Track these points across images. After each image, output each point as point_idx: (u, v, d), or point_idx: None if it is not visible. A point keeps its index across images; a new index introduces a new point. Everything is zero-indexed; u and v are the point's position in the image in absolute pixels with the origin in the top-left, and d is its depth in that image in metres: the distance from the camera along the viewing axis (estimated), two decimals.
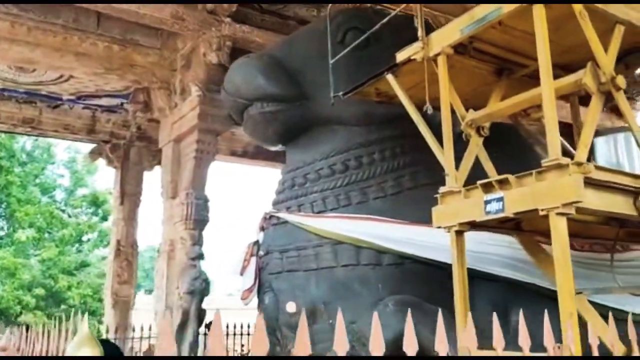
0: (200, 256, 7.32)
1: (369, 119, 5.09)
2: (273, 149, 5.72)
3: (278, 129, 5.18)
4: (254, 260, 5.09)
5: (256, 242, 5.20)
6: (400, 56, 4.06)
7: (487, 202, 3.20)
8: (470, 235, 4.62)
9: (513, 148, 5.56)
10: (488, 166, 3.90)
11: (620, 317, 2.61)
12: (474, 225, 3.46)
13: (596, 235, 4.19)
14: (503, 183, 3.19)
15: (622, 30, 3.42)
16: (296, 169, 5.23)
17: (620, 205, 3.12)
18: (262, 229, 5.26)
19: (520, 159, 5.48)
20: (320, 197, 4.96)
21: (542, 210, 2.93)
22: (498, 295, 4.52)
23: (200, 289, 7.13)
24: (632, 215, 3.17)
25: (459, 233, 3.46)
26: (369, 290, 4.50)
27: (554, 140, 2.98)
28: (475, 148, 3.74)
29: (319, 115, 5.10)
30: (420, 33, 3.86)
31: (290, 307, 4.73)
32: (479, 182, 3.33)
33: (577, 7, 3.15)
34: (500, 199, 3.13)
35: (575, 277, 4.32)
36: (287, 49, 5.27)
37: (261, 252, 5.12)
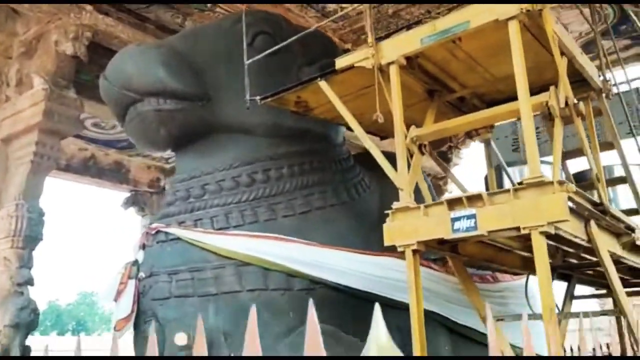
0: (29, 281, 6.05)
1: (277, 130, 4.67)
2: (156, 153, 4.94)
3: (173, 130, 4.47)
4: (132, 283, 4.24)
5: (135, 262, 4.35)
6: (343, 62, 3.75)
7: (455, 220, 2.99)
8: (374, 260, 4.43)
9: None
10: (423, 186, 3.73)
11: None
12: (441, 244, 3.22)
13: (498, 262, 4.24)
14: (473, 200, 3.02)
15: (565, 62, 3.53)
16: (191, 179, 4.54)
17: (575, 228, 3.13)
18: (144, 246, 4.44)
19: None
20: (222, 212, 4.35)
21: (524, 228, 2.80)
22: (403, 323, 4.34)
23: (28, 321, 5.86)
24: (581, 239, 3.21)
25: (416, 252, 3.19)
26: (279, 318, 3.99)
27: (533, 157, 2.90)
28: (419, 167, 3.55)
29: (220, 119, 4.53)
30: (370, 39, 3.61)
31: (180, 339, 3.99)
32: (444, 198, 3.12)
33: (550, 31, 3.16)
34: (472, 216, 2.94)
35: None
36: (190, 43, 4.63)
37: (142, 274, 4.29)
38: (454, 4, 8.35)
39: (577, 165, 5.03)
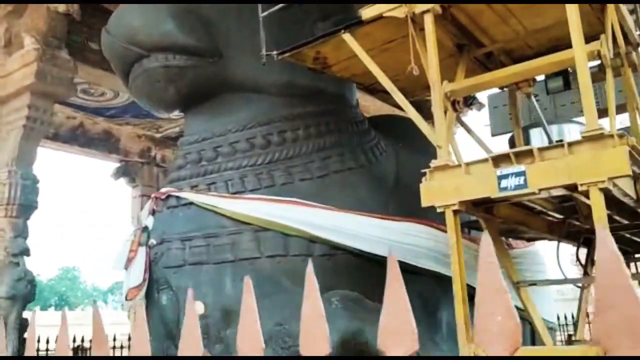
0: (25, 252, 5.78)
1: (291, 89, 4.41)
2: (163, 114, 4.65)
3: (182, 88, 4.18)
4: (142, 250, 4.00)
5: (145, 229, 4.11)
6: (371, 12, 3.49)
7: (502, 177, 2.79)
8: (395, 226, 4.25)
9: (416, 140, 5.35)
10: (454, 145, 3.52)
11: None
12: (476, 205, 3.02)
13: (527, 225, 4.07)
14: (521, 156, 2.82)
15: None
16: (202, 140, 4.28)
17: (627, 186, 2.95)
18: (153, 212, 4.19)
19: (424, 149, 5.32)
20: (237, 175, 4.10)
21: (582, 185, 2.61)
22: (426, 289, 4.20)
23: (24, 292, 5.61)
24: (630, 197, 3.04)
25: (456, 213, 2.99)
26: (301, 286, 3.77)
27: (590, 108, 2.69)
28: (452, 123, 3.33)
29: (232, 77, 4.25)
30: None
31: (197, 308, 3.77)
32: (489, 154, 2.91)
33: None
34: (521, 173, 2.74)
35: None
36: None
37: (152, 241, 4.05)
38: None
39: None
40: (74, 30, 6.47)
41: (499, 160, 2.88)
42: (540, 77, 8.63)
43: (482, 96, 11.47)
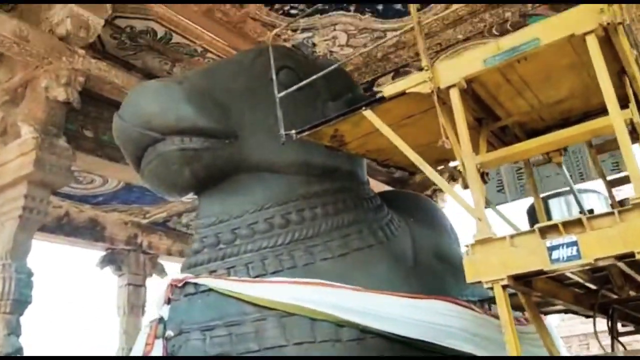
0: (19, 351, 5.41)
1: (307, 168, 4.36)
2: (175, 198, 4.53)
3: (199, 171, 4.09)
4: (159, 343, 3.75)
5: (160, 320, 3.88)
6: (394, 88, 3.51)
7: (552, 249, 2.72)
8: (422, 304, 4.12)
9: (426, 215, 5.32)
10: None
11: None
12: (521, 278, 2.92)
13: (558, 297, 3.97)
14: (569, 226, 2.76)
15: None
16: (219, 223, 4.14)
17: None
18: (169, 301, 3.98)
19: (435, 225, 5.27)
20: (257, 258, 3.95)
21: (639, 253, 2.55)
22: None
23: None
24: None
25: (505, 289, 2.88)
26: None
27: (635, 174, 2.67)
28: (484, 197, 3.29)
29: (248, 158, 4.20)
30: (424, 62, 3.39)
31: None
32: (536, 225, 2.85)
33: (627, 45, 3.01)
34: (573, 244, 2.68)
35: None
36: (210, 79, 4.31)
37: (170, 332, 3.81)
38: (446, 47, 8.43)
39: None
40: (69, 118, 6.42)
41: (546, 231, 2.81)
42: None
43: None
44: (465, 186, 3.42)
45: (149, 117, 3.95)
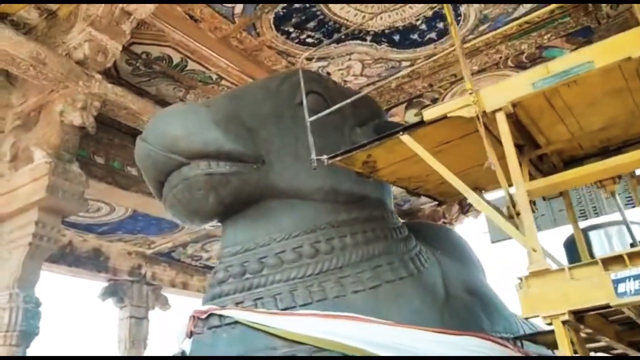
0: None
1: (335, 196, 4.20)
2: (198, 225, 4.35)
3: (225, 197, 3.92)
4: None
5: (182, 355, 3.65)
6: (435, 112, 3.38)
7: (618, 282, 2.54)
8: (458, 341, 3.92)
9: (454, 247, 5.15)
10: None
11: None
12: (578, 313, 2.74)
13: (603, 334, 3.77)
14: (634, 257, 2.59)
15: None
16: (245, 251, 3.95)
17: None
18: (191, 334, 3.76)
19: (463, 258, 5.09)
20: (286, 289, 3.75)
21: None
22: None
23: None
24: None
25: (565, 323, 2.69)
26: None
27: None
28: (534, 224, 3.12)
29: (275, 184, 4.04)
30: (468, 85, 3.27)
31: None
32: (598, 257, 2.68)
33: None
34: (639, 277, 2.50)
35: None
36: (236, 103, 4.18)
37: None
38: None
39: None
40: (80, 144, 6.27)
41: (609, 262, 2.64)
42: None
43: None
44: (511, 215, 3.25)
45: (175, 140, 3.80)
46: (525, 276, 2.82)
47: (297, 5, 6.33)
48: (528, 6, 6.79)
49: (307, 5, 6.34)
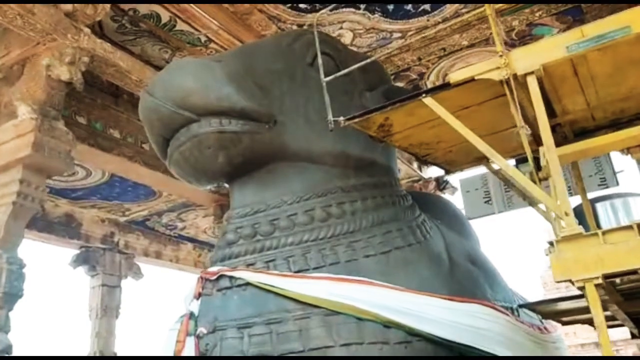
0: (7, 349, 4.94)
1: (344, 160, 4.12)
2: (204, 186, 4.19)
3: (235, 157, 3.77)
4: (190, 341, 3.42)
5: (192, 316, 3.54)
6: (462, 74, 3.31)
7: None
8: (466, 308, 3.93)
9: (452, 218, 5.15)
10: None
11: None
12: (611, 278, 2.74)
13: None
14: None
15: None
16: (255, 213, 3.83)
17: None
18: (199, 296, 3.64)
19: (462, 228, 5.10)
20: (299, 252, 3.66)
21: None
22: None
23: None
24: None
25: (598, 287, 2.69)
26: None
27: None
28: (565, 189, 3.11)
29: (286, 145, 3.92)
30: (499, 47, 3.20)
31: None
32: (633, 222, 2.68)
33: None
34: None
35: None
36: (247, 60, 4.01)
37: (202, 330, 3.47)
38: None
39: None
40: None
41: None
42: (513, 162, 8.72)
43: (454, 180, 11.63)
44: (533, 181, 3.23)
45: (185, 94, 3.62)
46: (556, 240, 2.80)
47: None
48: None
49: None
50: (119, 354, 10.02)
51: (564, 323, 5.38)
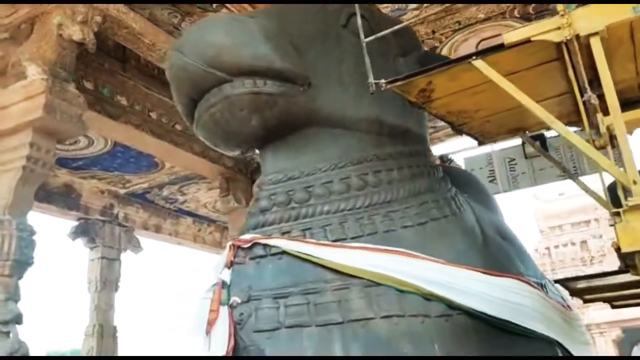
0: (17, 318, 4.77)
1: (379, 127, 3.94)
2: (233, 151, 4.00)
3: (269, 120, 3.57)
4: (224, 311, 3.26)
5: (224, 284, 3.37)
6: (516, 35, 3.12)
7: None
8: (503, 283, 3.81)
9: (479, 192, 5.01)
10: None
11: None
12: None
13: None
14: None
15: None
16: (289, 180, 3.65)
17: None
18: (231, 264, 3.47)
19: (489, 202, 4.97)
20: (336, 220, 3.49)
21: None
22: (539, 353, 3.72)
23: None
24: None
25: None
26: (422, 352, 3.18)
27: None
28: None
29: (320, 109, 3.72)
30: (561, 6, 3.02)
31: None
32: None
33: None
34: None
35: None
36: (280, 16, 3.79)
37: (236, 299, 3.31)
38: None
39: None
40: None
41: None
42: (518, 142, 8.57)
43: (458, 158, 11.51)
44: (599, 148, 3.08)
45: (218, 53, 3.40)
46: (624, 210, 2.66)
47: None
48: None
49: None
50: (118, 327, 9.89)
51: (585, 301, 5.30)
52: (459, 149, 9.80)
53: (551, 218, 27.63)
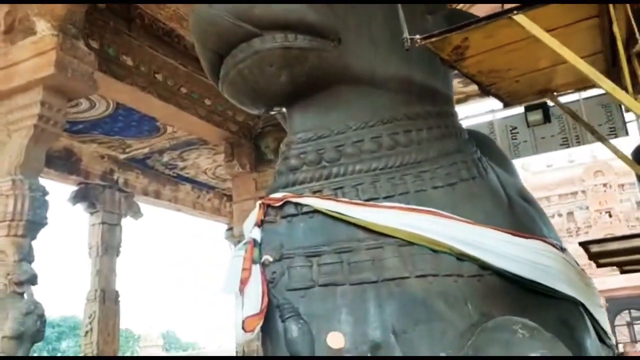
0: (32, 279, 4.71)
1: (408, 85, 3.84)
2: (259, 110, 3.89)
3: (299, 76, 3.45)
4: (256, 269, 3.20)
5: (255, 243, 3.32)
6: None
7: None
8: (530, 244, 3.80)
9: (499, 156, 4.96)
10: None
11: None
12: None
13: None
14: None
15: None
16: (318, 138, 3.55)
17: None
18: (261, 223, 3.41)
19: (507, 165, 4.93)
20: (368, 180, 3.42)
21: None
22: (570, 316, 3.73)
23: (33, 330, 4.52)
24: None
25: None
26: (457, 311, 3.16)
27: None
28: None
29: (349, 66, 3.61)
30: None
31: (335, 340, 3.05)
32: None
33: None
34: None
35: None
36: None
37: (268, 257, 3.25)
38: None
39: None
40: None
41: None
42: (520, 110, 8.51)
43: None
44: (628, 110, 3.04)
45: (250, 5, 3.28)
46: None
47: None
48: None
49: None
50: (120, 292, 9.87)
51: (599, 265, 5.33)
52: (461, 117, 9.77)
53: (539, 189, 27.82)
